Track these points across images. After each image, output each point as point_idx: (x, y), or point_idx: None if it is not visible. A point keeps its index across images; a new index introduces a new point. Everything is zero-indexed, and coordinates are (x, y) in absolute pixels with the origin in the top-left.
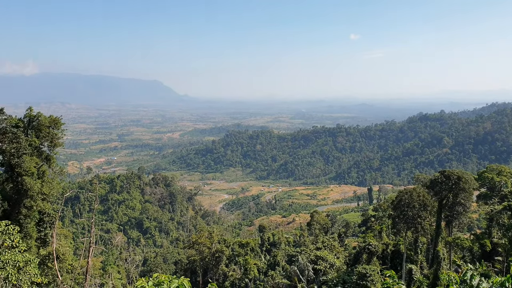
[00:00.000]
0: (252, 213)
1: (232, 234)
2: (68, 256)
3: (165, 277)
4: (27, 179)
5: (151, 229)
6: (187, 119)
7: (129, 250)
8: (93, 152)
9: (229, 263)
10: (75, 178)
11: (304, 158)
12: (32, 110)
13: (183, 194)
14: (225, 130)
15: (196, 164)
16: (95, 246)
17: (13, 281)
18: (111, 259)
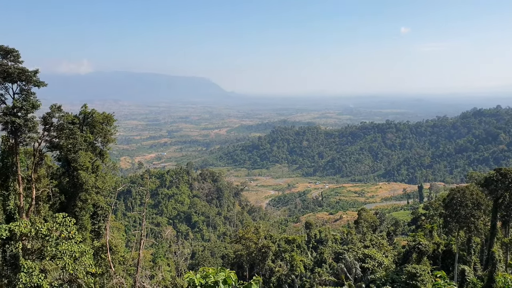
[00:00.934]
0: (298, 210)
1: (278, 230)
2: (120, 248)
3: (212, 270)
4: (82, 173)
5: (199, 223)
6: (234, 116)
7: (178, 243)
8: (144, 148)
9: (275, 259)
10: (127, 173)
11: (352, 155)
12: (87, 107)
13: (230, 190)
14: (271, 126)
15: (242, 160)
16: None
17: (70, 271)
18: (161, 252)
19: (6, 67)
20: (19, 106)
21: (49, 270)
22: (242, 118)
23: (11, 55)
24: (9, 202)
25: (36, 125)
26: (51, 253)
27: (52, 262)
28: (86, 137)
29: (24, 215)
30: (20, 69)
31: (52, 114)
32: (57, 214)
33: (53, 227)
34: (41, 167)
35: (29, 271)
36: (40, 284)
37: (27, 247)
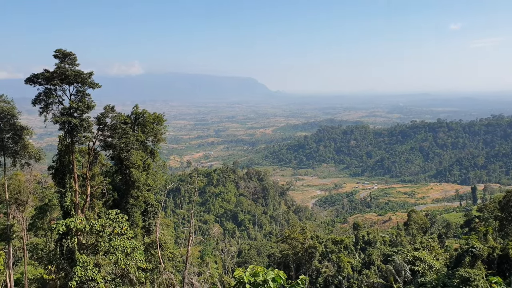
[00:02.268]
0: (346, 210)
1: (325, 231)
2: (170, 245)
3: (260, 269)
4: (134, 171)
5: (245, 222)
6: (280, 115)
7: (225, 241)
8: (192, 147)
9: (322, 260)
10: (176, 171)
11: (402, 155)
12: (138, 108)
13: (276, 189)
14: (317, 125)
15: (288, 159)
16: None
17: (122, 266)
18: (209, 249)
19: (63, 70)
20: (75, 107)
21: (102, 265)
22: (288, 117)
23: (68, 58)
24: (66, 198)
25: (91, 125)
26: (105, 248)
27: (105, 257)
28: (138, 137)
29: (80, 211)
30: (76, 71)
31: (105, 115)
32: (110, 211)
33: (107, 223)
34: (95, 166)
35: (84, 265)
36: (94, 277)
37: (82, 242)
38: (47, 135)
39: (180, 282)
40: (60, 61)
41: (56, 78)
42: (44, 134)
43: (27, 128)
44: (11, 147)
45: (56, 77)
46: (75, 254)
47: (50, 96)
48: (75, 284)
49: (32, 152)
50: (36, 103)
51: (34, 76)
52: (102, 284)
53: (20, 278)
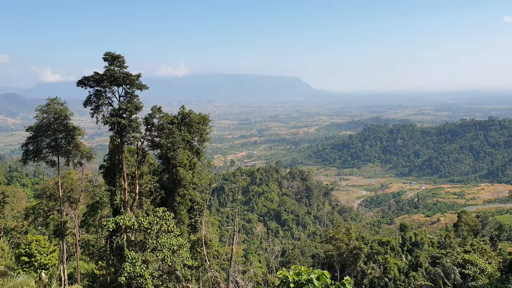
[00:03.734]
0: (392, 211)
1: (371, 232)
2: (215, 243)
3: (304, 269)
4: (180, 170)
5: (288, 222)
6: (323, 114)
7: (268, 240)
8: (236, 146)
9: (367, 261)
10: (220, 170)
11: (451, 154)
12: (185, 108)
13: (320, 189)
14: (362, 124)
15: (332, 159)
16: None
17: (169, 263)
18: (252, 248)
19: (112, 72)
20: (124, 108)
21: (150, 261)
22: (332, 116)
23: (117, 60)
24: (116, 197)
25: (139, 126)
26: (152, 245)
27: (153, 254)
28: (184, 136)
29: (129, 209)
30: (124, 73)
31: (153, 115)
32: (157, 209)
33: (154, 221)
34: (143, 165)
35: (133, 262)
36: (142, 274)
37: (131, 239)
38: (97, 135)
39: (224, 280)
40: (109, 63)
41: (106, 80)
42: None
43: (79, 128)
44: (64, 147)
45: (105, 79)
46: (124, 250)
47: (100, 98)
48: (124, 280)
49: (84, 151)
50: (87, 104)
51: (85, 79)
52: (149, 280)
53: (73, 273)
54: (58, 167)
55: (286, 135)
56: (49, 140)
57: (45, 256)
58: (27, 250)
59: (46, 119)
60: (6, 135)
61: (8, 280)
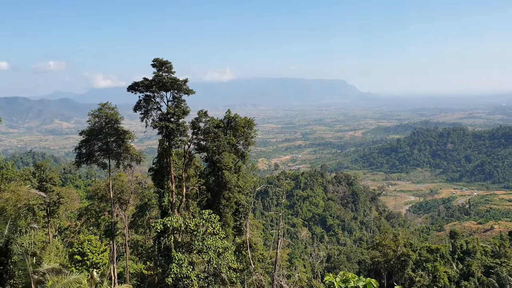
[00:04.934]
0: (442, 218)
1: (419, 239)
2: (259, 246)
3: (351, 275)
4: (226, 173)
5: (334, 227)
6: (370, 117)
7: (313, 245)
8: (280, 150)
9: (416, 268)
10: (264, 174)
11: (506, 159)
12: (230, 112)
13: (366, 194)
14: (411, 127)
15: (379, 163)
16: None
17: (214, 265)
18: (297, 253)
19: (161, 78)
20: (172, 112)
21: (196, 263)
22: (379, 119)
23: (165, 66)
24: (164, 198)
25: (186, 129)
26: (198, 247)
27: (198, 256)
28: (230, 140)
29: (176, 210)
30: (172, 79)
31: (199, 119)
32: (203, 211)
33: (200, 223)
34: (190, 167)
35: (180, 263)
36: (189, 275)
37: (178, 240)
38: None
39: (269, 283)
40: (157, 69)
41: (155, 85)
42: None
43: (129, 132)
44: (115, 150)
45: (154, 85)
46: (171, 251)
47: (149, 103)
48: (171, 281)
49: (134, 154)
50: (137, 109)
51: (135, 84)
52: (195, 282)
53: (123, 272)
54: (109, 170)
55: (331, 139)
56: (100, 144)
57: (96, 256)
58: (80, 249)
59: (98, 123)
60: (61, 138)
61: (62, 278)
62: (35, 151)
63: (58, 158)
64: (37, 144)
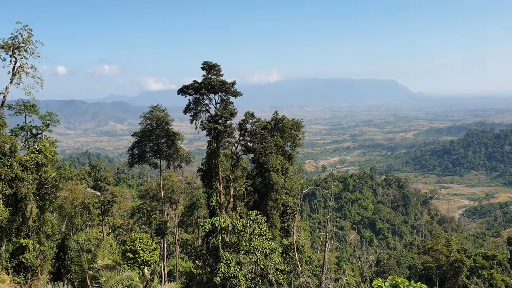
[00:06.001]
0: (499, 223)
1: (474, 244)
2: (307, 248)
3: (401, 280)
4: (273, 174)
5: (383, 230)
6: (422, 118)
7: (362, 249)
8: (328, 152)
9: (470, 275)
10: (311, 176)
11: None
12: (278, 114)
13: (417, 197)
14: (465, 129)
15: (431, 165)
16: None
17: (261, 266)
18: (345, 256)
19: (210, 80)
20: (220, 114)
21: (243, 263)
22: (431, 120)
23: (214, 69)
24: (212, 199)
25: (233, 131)
26: (245, 247)
27: (246, 256)
28: (277, 142)
29: (224, 211)
30: (221, 81)
31: (246, 121)
32: (251, 212)
33: (247, 224)
34: (237, 169)
35: (227, 262)
36: (236, 275)
37: (226, 240)
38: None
39: (316, 286)
40: (206, 72)
41: (204, 88)
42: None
43: (179, 133)
44: (166, 151)
45: (203, 87)
46: (219, 251)
47: (198, 105)
48: (219, 280)
49: (183, 155)
50: (187, 111)
51: (185, 87)
52: (243, 282)
53: (172, 270)
54: (160, 170)
55: (381, 140)
56: (152, 145)
57: (147, 253)
58: (132, 247)
59: (149, 125)
60: (115, 139)
61: (115, 274)
62: (90, 151)
63: (112, 159)
64: (93, 145)
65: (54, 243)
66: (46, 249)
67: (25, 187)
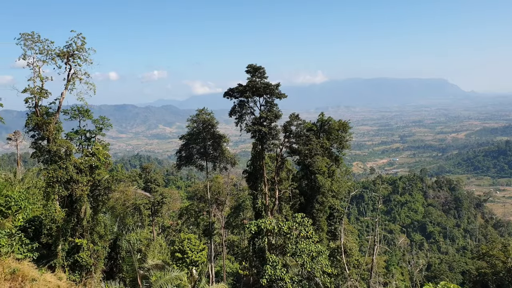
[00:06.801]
0: None
1: None
2: (355, 252)
3: (454, 286)
4: (319, 177)
5: (434, 234)
6: (474, 118)
7: (412, 252)
8: (376, 153)
9: None
10: (359, 178)
11: None
12: (324, 115)
13: (470, 200)
14: None
15: (485, 167)
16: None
17: (308, 268)
18: (394, 260)
19: (254, 83)
20: (265, 116)
21: (290, 266)
22: (485, 120)
23: (258, 72)
24: (257, 201)
25: (278, 133)
26: (292, 250)
27: (292, 259)
28: (323, 143)
29: (269, 213)
30: (265, 83)
31: (291, 122)
32: (296, 214)
33: (293, 226)
34: (282, 171)
35: (273, 265)
36: (283, 277)
37: (272, 242)
38: (241, 142)
39: None
40: (251, 75)
41: (248, 91)
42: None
43: (224, 136)
44: (212, 153)
45: (248, 90)
46: (265, 253)
47: (243, 108)
48: (265, 282)
49: (229, 157)
50: (232, 114)
51: (230, 90)
52: (289, 285)
53: (220, 271)
54: (206, 172)
55: (431, 141)
56: (198, 147)
57: (195, 254)
58: (180, 247)
59: (196, 128)
60: (164, 142)
61: (165, 274)
62: (141, 154)
63: (162, 161)
64: (143, 148)
65: (106, 242)
66: (99, 248)
67: (79, 188)
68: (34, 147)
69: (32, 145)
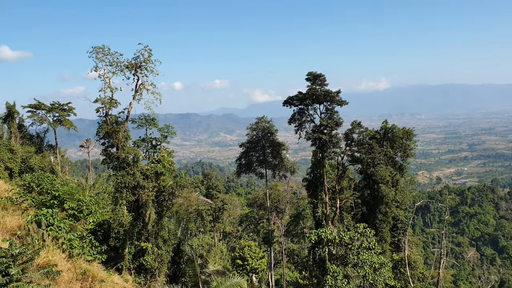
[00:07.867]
0: None
1: None
2: (419, 264)
3: None
4: (382, 186)
5: (508, 249)
6: None
7: (482, 267)
8: (442, 162)
9: None
10: (424, 188)
11: None
12: (387, 123)
13: None
14: None
15: None
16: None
17: (370, 280)
18: (463, 274)
19: (314, 91)
20: (325, 124)
21: (351, 277)
22: None
23: (318, 79)
24: (318, 210)
25: (339, 141)
26: (353, 261)
27: (353, 270)
28: (386, 152)
29: (330, 222)
30: (325, 91)
31: (352, 130)
32: (358, 224)
33: (355, 236)
34: (343, 179)
35: (334, 275)
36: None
37: (332, 252)
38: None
39: None
40: (311, 83)
41: (308, 98)
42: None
43: (284, 144)
44: (271, 161)
45: (307, 98)
46: (326, 263)
47: (303, 115)
48: None
49: (288, 165)
50: (291, 122)
51: (290, 98)
52: None
53: (279, 279)
54: (266, 179)
55: (504, 150)
56: (258, 155)
57: (255, 261)
58: (241, 254)
59: (255, 136)
60: (225, 149)
61: (225, 280)
62: (203, 161)
63: (223, 168)
64: (206, 155)
65: (170, 247)
66: (163, 252)
67: (145, 194)
68: (104, 154)
69: (102, 152)
